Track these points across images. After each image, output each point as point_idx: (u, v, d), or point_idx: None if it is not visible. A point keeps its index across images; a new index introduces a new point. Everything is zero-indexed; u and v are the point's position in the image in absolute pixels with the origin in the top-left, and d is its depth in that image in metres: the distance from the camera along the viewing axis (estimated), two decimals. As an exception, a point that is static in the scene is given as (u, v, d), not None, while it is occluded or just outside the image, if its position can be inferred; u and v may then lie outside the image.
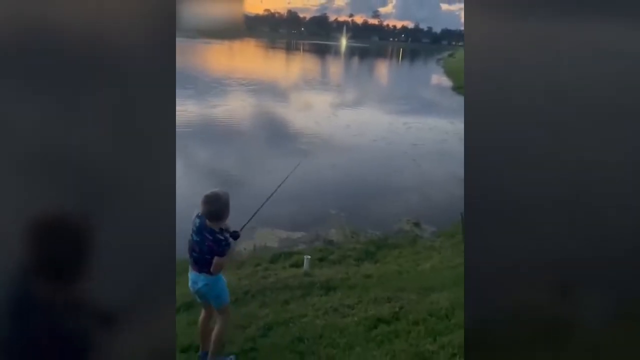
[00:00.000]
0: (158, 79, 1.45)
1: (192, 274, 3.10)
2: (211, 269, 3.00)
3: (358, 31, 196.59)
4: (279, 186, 3.62)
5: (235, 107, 19.60)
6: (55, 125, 1.39)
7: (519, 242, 1.54)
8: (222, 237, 2.95)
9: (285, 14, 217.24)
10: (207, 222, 2.96)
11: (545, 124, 1.54)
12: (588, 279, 1.53)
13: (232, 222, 3.09)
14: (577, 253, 1.53)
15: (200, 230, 2.97)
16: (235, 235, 3.05)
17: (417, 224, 8.54)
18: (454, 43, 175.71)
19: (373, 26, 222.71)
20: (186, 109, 17.16)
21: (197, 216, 3.01)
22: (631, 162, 1.51)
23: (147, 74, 1.45)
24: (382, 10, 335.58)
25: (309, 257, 5.84)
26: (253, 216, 3.44)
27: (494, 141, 1.57)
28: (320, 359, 3.32)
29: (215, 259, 2.97)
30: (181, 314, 4.10)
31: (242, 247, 6.43)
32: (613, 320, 1.53)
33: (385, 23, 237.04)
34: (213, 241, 2.94)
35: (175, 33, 1.50)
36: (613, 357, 1.53)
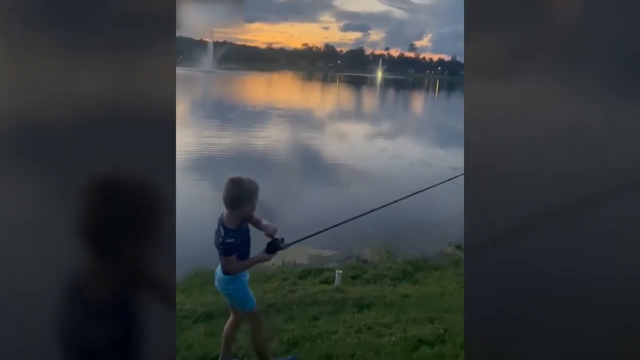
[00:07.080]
0: (159, 77, 1.41)
1: (217, 270, 2.84)
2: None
3: (394, 64, 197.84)
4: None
5: (273, 136, 19.60)
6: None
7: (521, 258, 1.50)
8: (231, 240, 2.63)
9: (323, 48, 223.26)
10: (224, 211, 2.70)
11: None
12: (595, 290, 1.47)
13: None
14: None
15: (218, 222, 2.72)
16: (276, 246, 2.75)
17: (459, 247, 7.94)
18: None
19: (409, 59, 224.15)
20: (225, 137, 17.48)
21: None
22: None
23: (147, 70, 1.42)
24: (417, 43, 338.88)
25: (341, 271, 5.37)
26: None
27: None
28: (352, 379, 2.89)
29: (223, 259, 2.69)
30: (199, 325, 3.77)
31: (271, 262, 6.09)
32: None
33: (421, 56, 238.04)
34: (222, 236, 2.66)
35: (175, 32, 1.47)
36: None
